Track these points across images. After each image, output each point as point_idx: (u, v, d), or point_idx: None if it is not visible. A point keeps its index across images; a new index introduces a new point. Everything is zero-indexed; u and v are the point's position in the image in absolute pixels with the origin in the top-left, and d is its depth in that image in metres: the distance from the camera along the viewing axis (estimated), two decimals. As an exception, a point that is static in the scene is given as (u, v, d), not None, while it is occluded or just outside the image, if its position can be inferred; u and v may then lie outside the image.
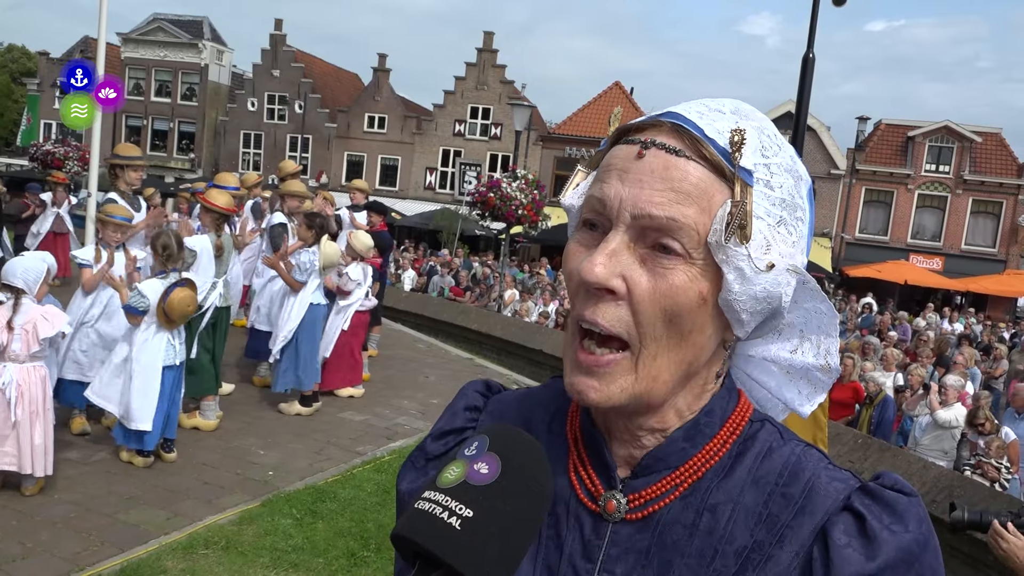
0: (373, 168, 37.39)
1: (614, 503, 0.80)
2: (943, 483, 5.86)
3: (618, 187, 0.73)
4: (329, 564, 4.49)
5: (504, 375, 10.19)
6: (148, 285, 5.39)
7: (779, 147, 0.77)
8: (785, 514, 0.74)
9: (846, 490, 0.75)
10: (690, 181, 0.71)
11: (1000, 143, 31.41)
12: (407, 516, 0.65)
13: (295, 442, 6.42)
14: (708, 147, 0.72)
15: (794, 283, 0.76)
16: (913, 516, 0.72)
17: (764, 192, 0.74)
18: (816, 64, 10.11)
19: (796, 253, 0.76)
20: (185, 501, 5.09)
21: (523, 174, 14.74)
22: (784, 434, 0.81)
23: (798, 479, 0.76)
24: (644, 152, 0.73)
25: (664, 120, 0.74)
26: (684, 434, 0.79)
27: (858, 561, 0.69)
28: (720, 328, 0.77)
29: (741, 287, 0.73)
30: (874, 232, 32.24)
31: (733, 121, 0.74)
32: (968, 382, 9.30)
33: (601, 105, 34.68)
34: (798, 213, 0.77)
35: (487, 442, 0.68)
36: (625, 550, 0.78)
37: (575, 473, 0.84)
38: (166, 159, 39.62)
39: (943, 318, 19.27)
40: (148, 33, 39.93)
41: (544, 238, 27.39)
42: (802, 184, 0.78)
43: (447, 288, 17.85)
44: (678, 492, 0.78)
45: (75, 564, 4.15)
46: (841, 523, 0.72)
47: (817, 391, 0.85)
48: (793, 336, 0.83)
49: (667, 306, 0.72)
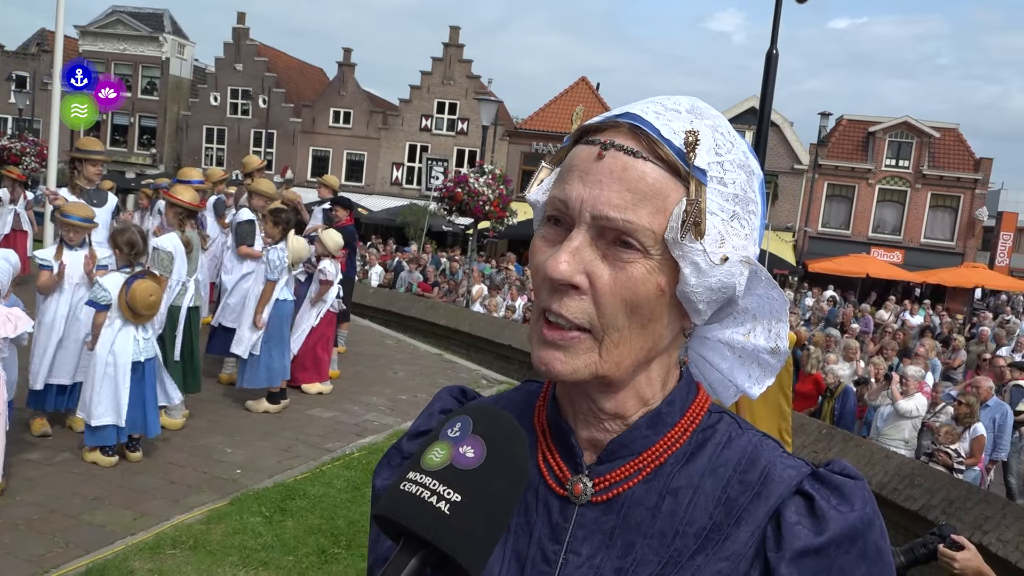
0: (339, 163, 37.09)
1: (580, 486, 0.83)
2: (904, 471, 6.00)
3: (579, 188, 0.77)
4: (299, 562, 4.47)
5: (473, 370, 10.20)
6: (109, 279, 5.31)
7: (732, 144, 0.80)
8: (743, 498, 0.79)
9: (798, 476, 0.80)
10: (646, 182, 0.75)
11: (958, 138, 32.06)
12: (392, 497, 0.66)
13: (263, 440, 6.37)
14: (664, 148, 0.75)
15: (747, 273, 0.80)
16: (859, 497, 0.77)
17: (718, 189, 0.77)
18: (781, 60, 10.26)
19: (749, 245, 0.80)
20: (152, 501, 5.02)
21: (490, 169, 14.72)
22: (742, 424, 0.86)
23: (755, 466, 0.81)
24: (604, 154, 0.76)
25: (622, 121, 0.78)
26: (647, 422, 0.83)
27: (807, 536, 0.75)
28: (678, 317, 0.81)
29: (697, 280, 0.77)
30: (836, 226, 32.74)
31: (688, 121, 0.77)
32: (928, 373, 9.50)
33: (567, 101, 34.77)
34: (750, 207, 0.80)
35: (470, 424, 0.70)
36: (591, 531, 0.81)
37: (544, 461, 0.87)
38: (127, 154, 38.94)
39: (904, 310, 19.62)
40: (107, 26, 39.19)
41: (512, 233, 27.38)
42: (754, 179, 0.81)
43: (415, 284, 17.78)
44: (641, 476, 0.82)
45: (39, 567, 4.08)
46: (793, 504, 0.77)
47: (766, 374, 0.89)
48: (747, 320, 0.87)
49: (627, 297, 0.76)
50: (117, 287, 5.27)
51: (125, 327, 5.30)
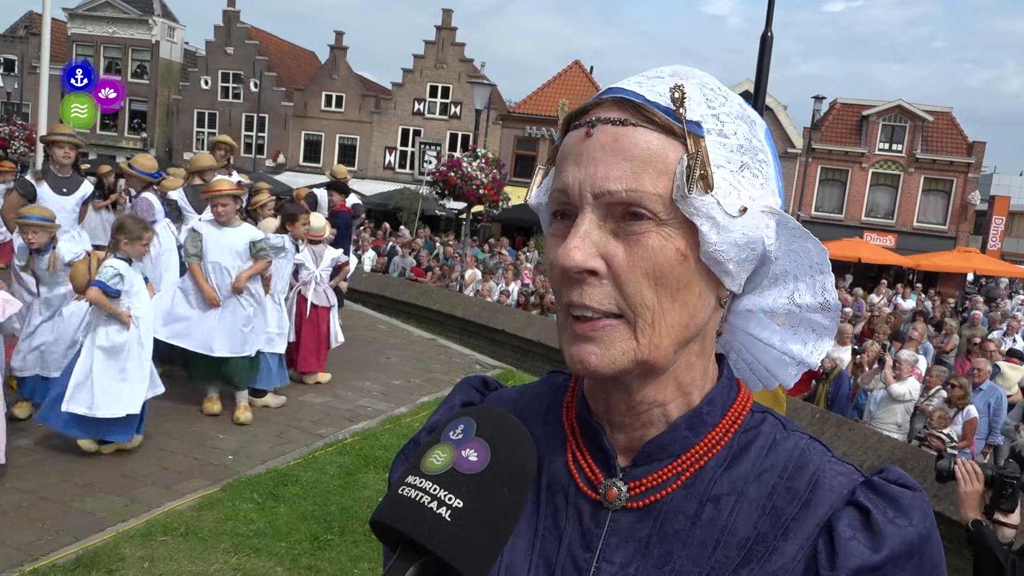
0: (331, 148, 36.92)
1: (615, 491, 0.79)
2: (897, 455, 6.01)
3: (575, 171, 0.73)
4: (292, 548, 4.46)
5: (467, 355, 10.18)
6: (120, 265, 5.13)
7: (725, 98, 0.76)
8: (790, 508, 0.74)
9: (850, 484, 0.75)
10: (640, 146, 0.71)
11: (951, 122, 32.07)
12: (390, 502, 0.63)
13: (255, 426, 6.34)
14: (652, 110, 0.72)
15: (773, 224, 0.76)
16: (917, 510, 0.72)
17: (719, 141, 0.73)
18: (776, 44, 10.22)
19: (767, 195, 0.76)
20: (143, 487, 5.00)
21: (483, 153, 14.67)
22: (787, 425, 0.81)
23: (803, 472, 0.76)
24: (591, 131, 0.73)
25: (605, 97, 0.75)
26: (687, 422, 0.79)
27: (863, 553, 0.70)
28: (711, 285, 0.76)
29: (719, 236, 0.72)
30: (829, 210, 32.77)
31: (672, 82, 0.73)
32: (921, 356, 9.52)
33: (561, 84, 34.60)
34: (760, 156, 0.76)
35: (473, 426, 0.67)
36: (625, 539, 0.77)
37: (574, 463, 0.82)
38: (117, 139, 38.65)
39: (896, 294, 19.66)
40: (96, 8, 38.79)
41: (505, 217, 27.34)
42: (757, 128, 0.77)
43: (408, 268, 17.73)
44: (680, 481, 0.77)
45: (28, 554, 4.06)
46: (846, 517, 0.72)
47: (822, 338, 0.84)
48: (788, 281, 0.83)
49: (648, 269, 0.71)
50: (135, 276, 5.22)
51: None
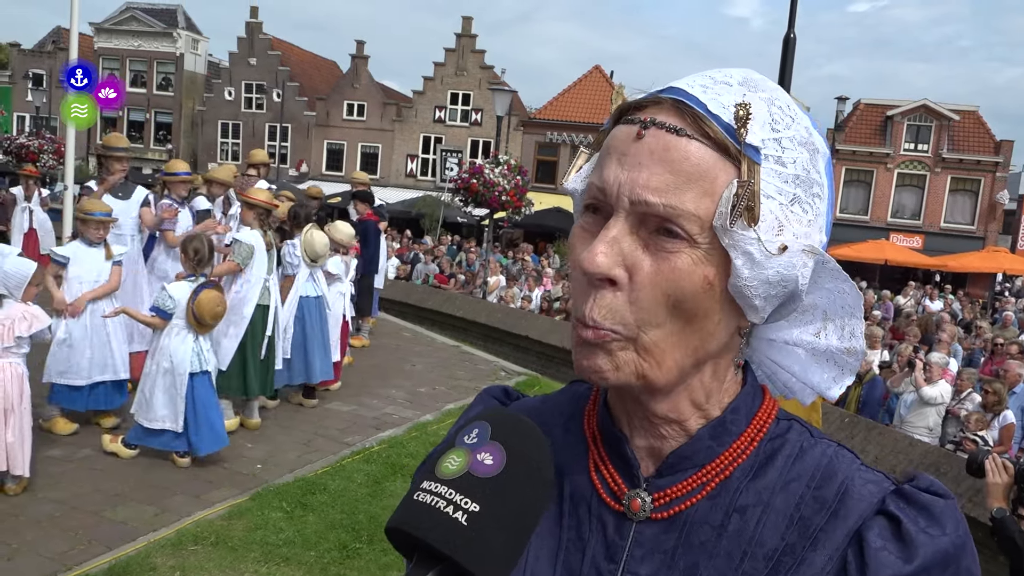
0: (353, 156, 37.15)
1: (639, 502, 0.77)
2: (929, 460, 5.92)
3: (617, 171, 0.70)
4: (321, 557, 4.46)
5: (491, 362, 10.17)
6: (176, 287, 5.38)
7: (792, 119, 0.72)
8: (818, 518, 0.72)
9: (880, 493, 0.72)
10: (691, 161, 0.67)
11: (978, 121, 31.62)
12: (405, 508, 0.62)
13: (282, 434, 6.37)
14: (711, 124, 0.68)
15: (812, 264, 0.71)
16: (950, 519, 0.70)
17: (775, 169, 0.69)
18: (800, 46, 10.15)
19: (813, 232, 0.72)
20: (173, 497, 5.03)
21: (505, 159, 14.66)
22: (814, 433, 0.78)
23: (831, 481, 0.74)
24: (643, 132, 0.69)
25: (665, 97, 0.70)
26: (710, 432, 0.76)
27: (894, 564, 0.67)
28: (732, 314, 0.73)
29: (751, 272, 0.69)
30: (854, 212, 32.40)
31: (740, 94, 0.69)
32: (952, 359, 9.38)
33: (582, 89, 34.56)
34: (814, 189, 0.72)
35: (488, 429, 0.65)
36: (650, 550, 0.76)
37: (596, 472, 0.80)
38: (143, 150, 39.16)
39: (924, 296, 19.42)
40: (121, 23, 39.40)
41: (528, 224, 27.32)
42: (819, 157, 0.73)
43: (431, 276, 17.77)
44: (705, 491, 0.75)
45: (62, 564, 4.09)
46: (876, 527, 0.70)
47: (844, 374, 0.81)
48: (816, 319, 0.79)
49: (669, 290, 0.68)
50: (184, 296, 5.31)
51: (187, 337, 5.33)
